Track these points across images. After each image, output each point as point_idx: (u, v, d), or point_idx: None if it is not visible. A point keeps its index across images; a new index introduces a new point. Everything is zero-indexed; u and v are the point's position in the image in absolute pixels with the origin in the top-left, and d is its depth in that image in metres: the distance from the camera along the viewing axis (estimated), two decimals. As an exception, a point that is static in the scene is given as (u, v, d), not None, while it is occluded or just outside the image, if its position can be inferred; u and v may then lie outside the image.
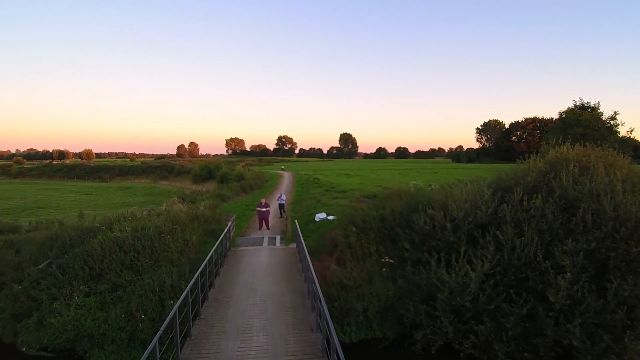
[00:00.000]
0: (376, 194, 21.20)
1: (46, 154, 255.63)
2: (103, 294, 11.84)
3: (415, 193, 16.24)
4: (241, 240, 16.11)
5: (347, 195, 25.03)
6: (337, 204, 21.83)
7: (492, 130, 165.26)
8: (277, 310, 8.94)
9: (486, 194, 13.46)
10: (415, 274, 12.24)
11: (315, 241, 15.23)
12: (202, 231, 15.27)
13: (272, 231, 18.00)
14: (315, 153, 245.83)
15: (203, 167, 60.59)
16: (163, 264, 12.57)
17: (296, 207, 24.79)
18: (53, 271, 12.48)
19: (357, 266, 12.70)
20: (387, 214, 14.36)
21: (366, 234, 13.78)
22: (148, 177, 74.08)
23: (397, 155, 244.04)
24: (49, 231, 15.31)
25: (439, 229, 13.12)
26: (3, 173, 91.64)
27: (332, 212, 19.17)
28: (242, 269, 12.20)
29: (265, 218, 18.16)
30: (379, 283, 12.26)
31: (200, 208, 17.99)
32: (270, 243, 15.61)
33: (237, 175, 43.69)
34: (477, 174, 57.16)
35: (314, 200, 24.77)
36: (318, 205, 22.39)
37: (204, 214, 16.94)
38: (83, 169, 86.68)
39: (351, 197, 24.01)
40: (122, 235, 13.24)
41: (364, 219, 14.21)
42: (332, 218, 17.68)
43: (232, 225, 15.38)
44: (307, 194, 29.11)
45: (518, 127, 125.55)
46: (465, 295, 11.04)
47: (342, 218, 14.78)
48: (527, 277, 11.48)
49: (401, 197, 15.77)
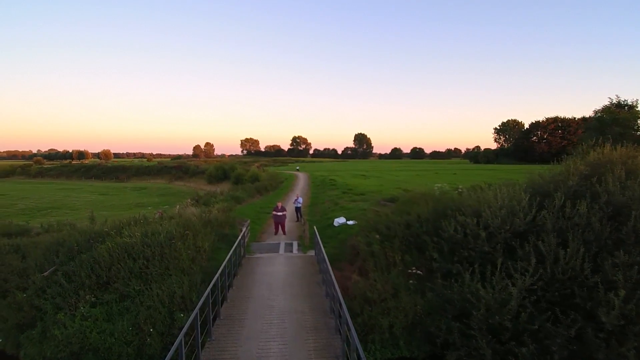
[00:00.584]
0: (397, 198, 20.12)
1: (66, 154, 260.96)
2: (110, 304, 11.09)
3: (442, 197, 15.12)
4: (256, 246, 15.23)
5: (366, 198, 23.99)
6: (356, 207, 20.81)
7: (511, 131, 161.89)
8: (297, 333, 7.97)
9: (524, 199, 12.26)
10: (446, 288, 11.14)
11: (335, 248, 14.25)
12: (214, 237, 14.44)
13: (288, 236, 17.10)
14: (329, 153, 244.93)
15: (218, 167, 60.27)
16: (173, 272, 11.76)
17: (312, 210, 23.85)
18: (58, 279, 11.79)
19: (381, 277, 11.66)
20: (412, 220, 13.27)
21: (390, 241, 12.73)
22: (163, 178, 74.25)
23: (413, 156, 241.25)
24: (56, 235, 14.71)
25: (471, 238, 11.97)
26: (23, 173, 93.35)
27: (351, 217, 18.15)
28: (257, 280, 11.28)
29: (281, 223, 17.27)
30: (406, 296, 11.19)
31: (213, 212, 17.21)
32: (287, 250, 14.69)
33: (251, 176, 43.04)
34: (497, 175, 55.26)
35: (332, 203, 23.81)
36: (336, 209, 21.41)
37: (217, 218, 16.14)
38: (100, 169, 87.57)
39: (370, 200, 22.95)
40: (131, 241, 12.50)
41: (388, 226, 13.16)
42: (352, 223, 16.67)
43: (246, 231, 14.52)
44: (323, 196, 28.15)
45: (538, 127, 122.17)
46: (504, 313, 9.91)
47: (364, 224, 13.76)
48: (572, 293, 10.24)
49: (427, 201, 14.67)
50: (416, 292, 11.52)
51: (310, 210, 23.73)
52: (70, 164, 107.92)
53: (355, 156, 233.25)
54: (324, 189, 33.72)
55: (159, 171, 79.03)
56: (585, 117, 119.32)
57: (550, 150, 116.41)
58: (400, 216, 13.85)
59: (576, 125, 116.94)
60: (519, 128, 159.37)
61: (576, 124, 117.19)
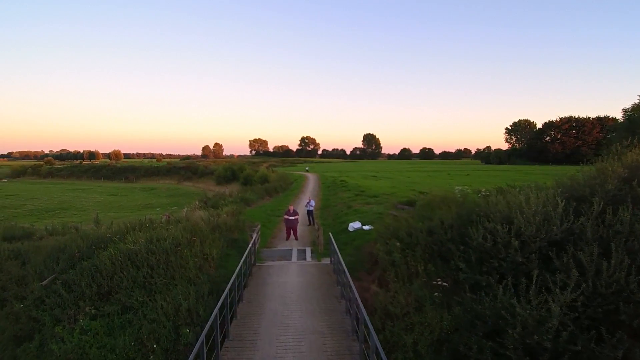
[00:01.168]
0: (415, 201, 19.11)
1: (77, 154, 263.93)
2: (111, 316, 10.30)
3: (467, 201, 14.12)
4: (267, 253, 14.37)
5: (380, 201, 23.03)
6: (371, 211, 19.87)
7: (523, 131, 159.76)
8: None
9: (560, 204, 11.21)
10: (475, 302, 10.16)
11: (351, 256, 13.34)
12: (223, 242, 13.62)
13: (300, 241, 16.23)
14: (338, 154, 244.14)
15: (226, 168, 59.69)
16: (179, 282, 10.95)
17: (325, 214, 22.96)
18: (57, 288, 11.06)
19: (403, 289, 10.71)
20: (435, 226, 12.30)
21: (412, 250, 11.78)
22: (172, 178, 73.97)
23: (422, 156, 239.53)
24: (59, 239, 14.01)
25: (502, 247, 10.96)
26: (34, 173, 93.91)
27: (367, 221, 17.23)
28: (269, 292, 10.37)
29: (293, 227, 16.39)
30: (431, 311, 10.23)
31: (222, 215, 16.41)
32: (300, 257, 13.81)
33: (260, 177, 42.30)
34: (512, 177, 53.84)
35: (344, 206, 22.90)
36: (350, 212, 20.49)
37: (226, 222, 15.33)
38: (110, 169, 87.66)
39: (385, 203, 21.99)
40: (135, 248, 11.72)
41: (409, 232, 12.21)
42: (368, 228, 15.74)
43: (257, 237, 13.67)
44: (335, 199, 27.25)
45: (552, 127, 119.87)
46: (543, 332, 8.90)
47: (383, 230, 12.79)
48: (617, 310, 9.22)
49: (449, 205, 13.69)
50: (442, 305, 10.54)
51: (322, 214, 22.85)
52: (80, 164, 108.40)
53: (364, 156, 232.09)
54: (335, 190, 32.80)
55: (168, 172, 78.78)
56: (600, 117, 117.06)
57: (564, 151, 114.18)
58: (421, 222, 12.89)
59: (591, 126, 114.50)
60: (530, 128, 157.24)
61: (591, 124, 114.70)
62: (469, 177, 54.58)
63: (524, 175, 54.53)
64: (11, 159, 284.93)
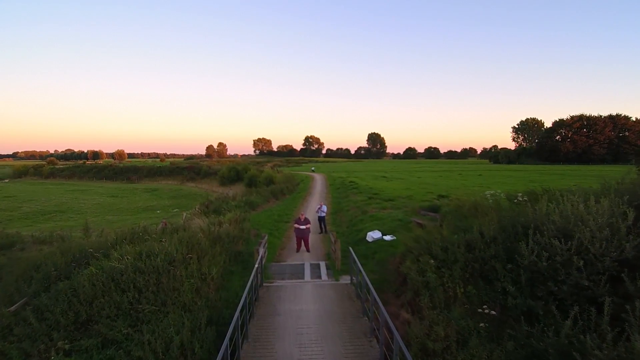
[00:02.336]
0: (438, 206, 17.22)
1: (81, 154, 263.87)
2: (89, 352, 8.48)
3: (504, 208, 12.22)
4: (276, 268, 12.49)
5: (397, 205, 21.10)
6: (389, 217, 17.97)
7: (530, 130, 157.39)
8: None
9: (629, 214, 9.29)
10: (533, 336, 8.27)
11: (373, 273, 11.47)
12: (225, 257, 11.78)
13: (313, 253, 14.37)
14: (342, 153, 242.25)
15: (230, 168, 57.95)
16: (171, 309, 9.12)
17: (337, 219, 21.08)
18: (27, 315, 9.27)
19: (440, 318, 8.82)
20: (475, 240, 10.41)
21: (449, 268, 9.90)
22: (175, 179, 72.35)
23: (428, 156, 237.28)
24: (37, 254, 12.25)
25: (560, 266, 9.08)
26: (36, 174, 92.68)
27: (387, 229, 15.34)
28: (280, 326, 8.43)
29: (304, 238, 14.53)
30: (477, 346, 8.34)
31: (224, 224, 14.59)
32: (314, 274, 11.90)
33: (266, 178, 40.46)
34: (528, 177, 51.64)
35: (358, 211, 20.99)
36: (365, 219, 18.58)
37: (229, 232, 13.49)
38: (112, 170, 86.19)
39: (404, 208, 20.09)
40: (120, 267, 9.91)
41: (444, 247, 10.33)
42: (389, 239, 13.85)
43: (264, 252, 11.81)
44: (347, 202, 25.34)
45: (563, 126, 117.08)
46: (627, 379, 7.00)
47: (412, 243, 10.89)
48: None
49: (486, 214, 11.79)
50: (490, 339, 8.67)
51: (334, 219, 20.97)
52: (83, 164, 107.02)
53: (368, 156, 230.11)
54: (345, 192, 30.87)
55: (170, 172, 77.15)
56: (612, 115, 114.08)
57: (576, 150, 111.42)
58: (454, 233, 11.01)
59: (603, 124, 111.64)
60: (538, 127, 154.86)
61: (603, 123, 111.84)
62: (482, 177, 52.50)
63: (540, 176, 52.33)
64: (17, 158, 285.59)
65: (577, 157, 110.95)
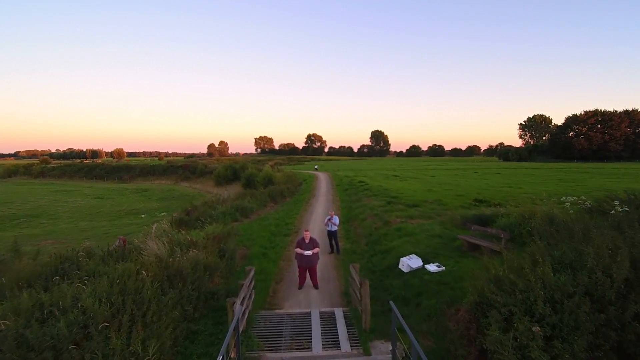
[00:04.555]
0: (491, 217, 12.76)
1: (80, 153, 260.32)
2: None
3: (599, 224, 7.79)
4: (265, 323, 8.04)
5: (427, 213, 16.57)
6: (422, 230, 13.48)
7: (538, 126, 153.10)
8: None
9: None
10: None
11: (423, 335, 7.04)
12: (183, 311, 7.37)
13: (323, 291, 9.89)
14: (345, 151, 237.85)
15: (227, 167, 53.53)
16: None
17: (350, 231, 16.57)
18: None
19: None
20: (597, 285, 5.99)
21: (566, 339, 5.48)
22: (169, 178, 67.95)
23: (432, 154, 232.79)
24: None
25: None
26: (26, 173, 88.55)
27: (425, 251, 10.88)
28: None
29: (311, 268, 10.00)
30: None
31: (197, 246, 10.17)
32: (329, 338, 7.26)
33: (264, 177, 35.98)
34: (552, 175, 47.03)
35: (378, 220, 16.48)
36: (390, 233, 14.06)
37: (199, 262, 9.06)
38: (103, 169, 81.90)
39: (436, 216, 15.61)
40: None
41: (552, 300, 5.92)
42: (435, 269, 9.37)
43: (246, 305, 7.26)
44: (360, 207, 20.81)
45: (576, 122, 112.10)
46: None
47: (494, 293, 6.47)
48: None
49: (588, 236, 7.27)
50: None
51: (346, 231, 16.45)
52: (74, 163, 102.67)
53: (372, 154, 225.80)
54: (356, 194, 26.29)
55: (165, 171, 72.74)
56: (628, 111, 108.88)
57: (591, 147, 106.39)
58: (554, 269, 6.56)
59: (619, 120, 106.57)
60: (546, 123, 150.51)
61: (619, 118, 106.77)
62: (501, 175, 47.96)
63: (566, 174, 47.70)
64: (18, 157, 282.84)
65: (592, 154, 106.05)
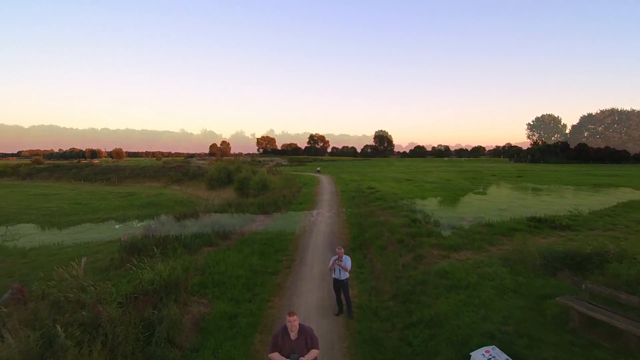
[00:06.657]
0: (581, 254, 7.97)
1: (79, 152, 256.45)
2: None
3: None
4: None
5: (470, 238, 11.78)
6: (479, 274, 8.67)
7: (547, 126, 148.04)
8: None
9: None
10: None
11: None
12: None
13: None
14: (348, 152, 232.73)
15: (220, 169, 48.81)
16: None
17: (363, 265, 11.75)
18: None
19: None
20: None
21: None
22: (160, 181, 63.25)
23: (437, 154, 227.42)
24: None
25: None
26: (13, 174, 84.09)
27: (503, 327, 6.15)
28: None
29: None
30: None
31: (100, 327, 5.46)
32: None
33: (258, 182, 31.21)
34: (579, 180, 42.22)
35: (403, 248, 11.65)
36: (428, 280, 9.19)
37: None
38: (91, 170, 77.33)
39: (488, 246, 10.84)
40: None
41: None
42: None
43: None
44: (372, 223, 15.91)
45: (592, 121, 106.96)
46: None
47: None
48: None
49: None
50: None
51: (357, 263, 11.66)
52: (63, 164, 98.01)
53: (375, 155, 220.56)
54: (367, 205, 21.39)
55: (155, 173, 68.08)
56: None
57: (608, 148, 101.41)
58: None
59: (637, 119, 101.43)
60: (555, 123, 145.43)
61: (637, 117, 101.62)
62: (522, 179, 43.12)
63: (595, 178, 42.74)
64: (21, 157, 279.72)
65: (608, 155, 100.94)
